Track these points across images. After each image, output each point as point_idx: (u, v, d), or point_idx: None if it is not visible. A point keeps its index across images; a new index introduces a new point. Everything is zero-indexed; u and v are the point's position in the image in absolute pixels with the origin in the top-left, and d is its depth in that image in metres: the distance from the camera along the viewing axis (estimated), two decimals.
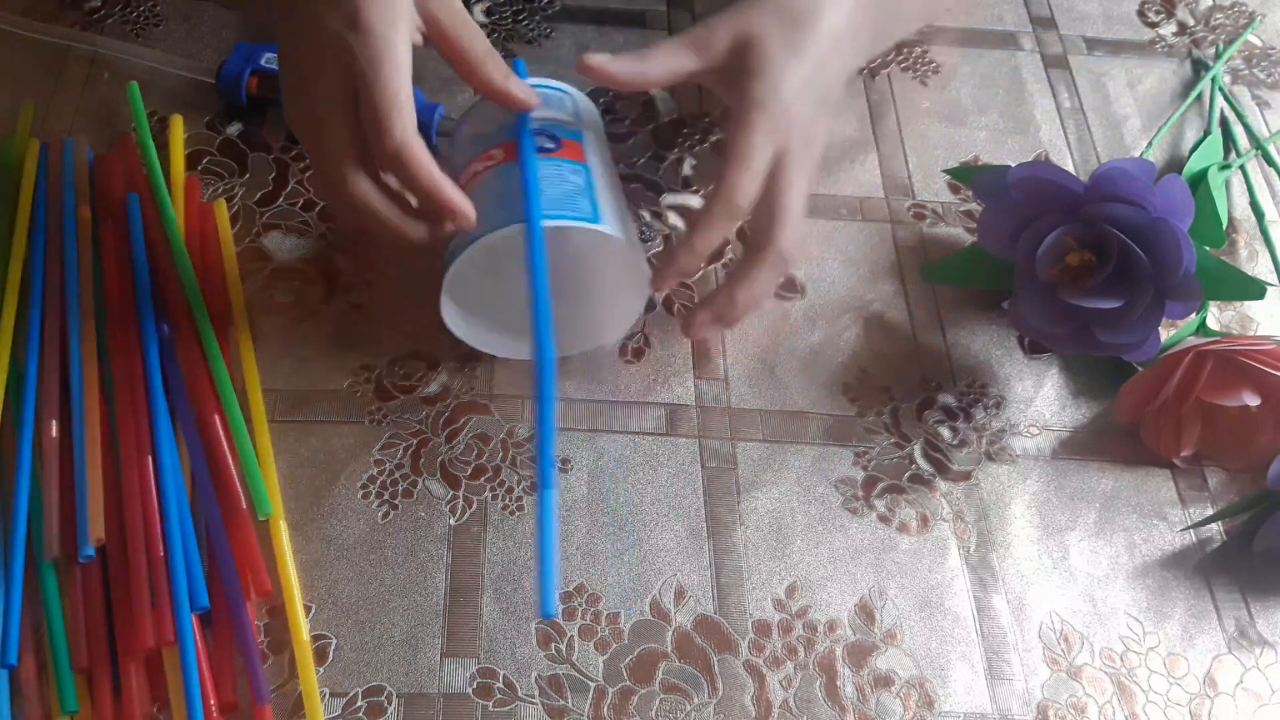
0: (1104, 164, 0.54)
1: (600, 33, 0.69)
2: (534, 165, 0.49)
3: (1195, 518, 0.53)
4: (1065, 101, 0.69)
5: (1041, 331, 0.55)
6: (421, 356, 0.54)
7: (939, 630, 0.49)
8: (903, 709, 0.47)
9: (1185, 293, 0.52)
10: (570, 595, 0.48)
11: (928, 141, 0.66)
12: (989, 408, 0.56)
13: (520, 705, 0.45)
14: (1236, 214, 0.64)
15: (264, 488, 0.48)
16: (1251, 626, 0.50)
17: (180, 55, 0.64)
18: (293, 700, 0.44)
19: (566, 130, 0.52)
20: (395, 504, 0.50)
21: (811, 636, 0.48)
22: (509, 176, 0.49)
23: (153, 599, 0.44)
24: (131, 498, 0.47)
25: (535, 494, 0.42)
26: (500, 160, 0.50)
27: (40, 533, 0.46)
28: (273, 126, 0.62)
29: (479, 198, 0.49)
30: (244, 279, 0.55)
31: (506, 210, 0.48)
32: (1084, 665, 0.49)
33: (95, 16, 0.66)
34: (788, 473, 0.53)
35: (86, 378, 0.50)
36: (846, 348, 0.57)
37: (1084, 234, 0.53)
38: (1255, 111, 0.69)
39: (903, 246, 0.61)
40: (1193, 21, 0.75)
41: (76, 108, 0.62)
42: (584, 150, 0.52)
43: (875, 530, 0.52)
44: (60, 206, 0.55)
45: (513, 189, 0.48)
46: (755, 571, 0.50)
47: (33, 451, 0.48)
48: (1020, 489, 0.53)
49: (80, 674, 0.44)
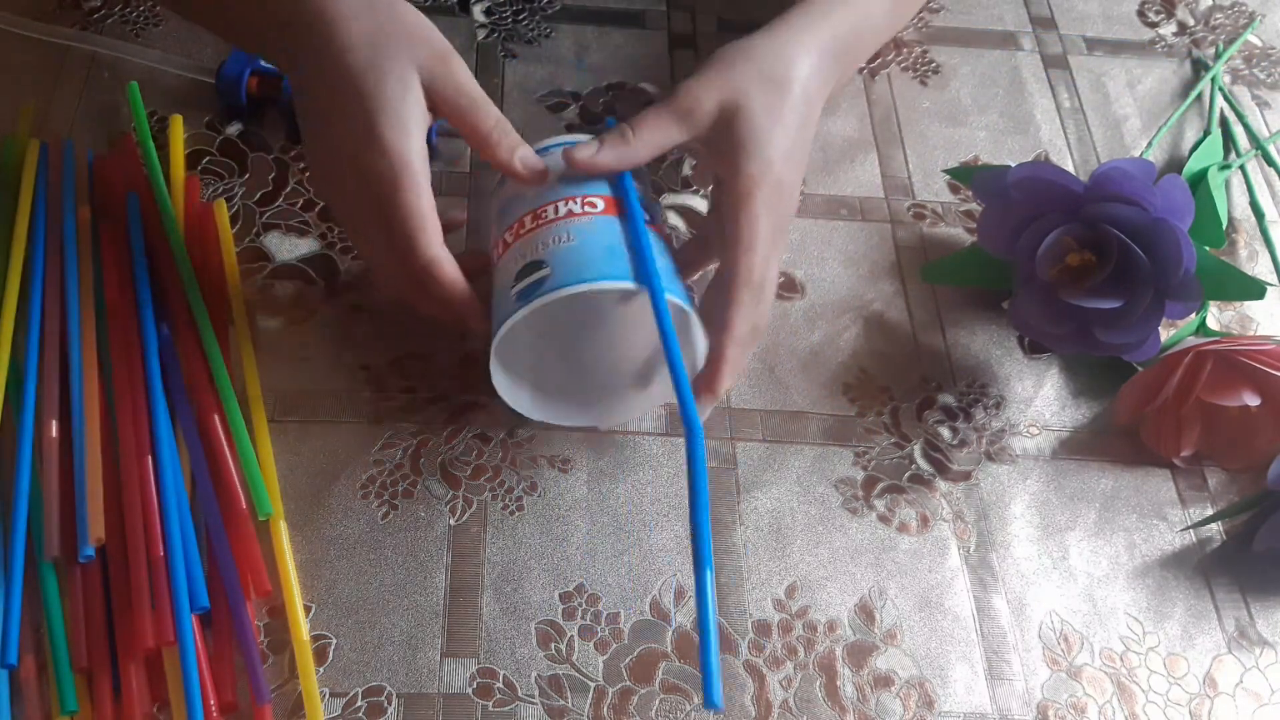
0: (1104, 164, 0.54)
1: (600, 32, 0.69)
2: (644, 228, 0.48)
3: (1195, 518, 0.53)
4: (1065, 101, 0.69)
5: (1041, 331, 0.55)
6: (421, 356, 0.54)
7: (939, 630, 0.49)
8: (902, 709, 0.47)
9: (1185, 293, 0.52)
10: (570, 595, 0.48)
11: (928, 141, 0.66)
12: (989, 408, 0.56)
13: (520, 705, 0.45)
14: (1236, 214, 0.64)
15: (264, 488, 0.48)
16: (1251, 626, 0.50)
17: (180, 55, 0.64)
18: (293, 700, 0.44)
19: (652, 205, 0.51)
20: (395, 504, 0.50)
21: (811, 636, 0.48)
22: (617, 230, 0.48)
23: (152, 599, 0.44)
24: (131, 498, 0.47)
25: (694, 575, 0.41)
26: (602, 210, 0.48)
27: (40, 532, 0.46)
28: (272, 126, 0.62)
29: (576, 237, 0.47)
30: (244, 279, 0.55)
31: (622, 264, 0.46)
32: (1084, 665, 0.49)
33: (95, 16, 0.66)
34: (788, 473, 0.53)
35: (86, 378, 0.50)
36: (846, 348, 0.57)
37: (1084, 234, 0.53)
38: (1255, 111, 0.69)
39: (903, 246, 0.61)
40: (1193, 21, 0.75)
41: (76, 108, 0.62)
42: (664, 228, 0.51)
43: (875, 530, 0.52)
44: (60, 206, 0.55)
45: (625, 244, 0.47)
46: (755, 571, 0.50)
47: (33, 451, 0.48)
48: (1020, 489, 0.53)
49: (80, 674, 0.44)
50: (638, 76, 0.67)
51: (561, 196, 0.49)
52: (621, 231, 0.48)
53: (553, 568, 0.49)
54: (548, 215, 0.48)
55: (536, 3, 0.70)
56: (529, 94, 0.65)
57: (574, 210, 0.48)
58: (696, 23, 0.70)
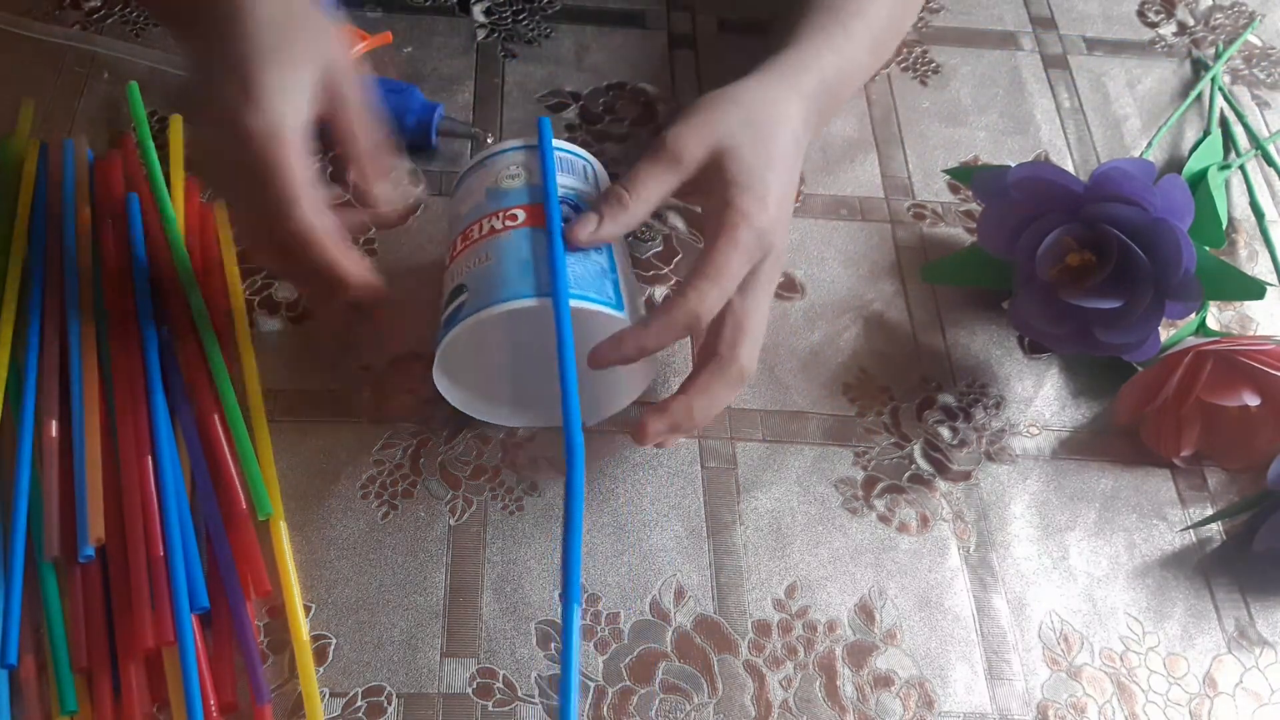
0: (1104, 164, 0.54)
1: (600, 32, 0.69)
2: (560, 240, 0.47)
3: (1195, 518, 0.53)
4: (1065, 101, 0.69)
5: (1041, 331, 0.55)
6: (421, 356, 0.54)
7: (939, 630, 0.49)
8: (902, 709, 0.47)
9: (1185, 293, 0.52)
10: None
11: (927, 141, 0.66)
12: (989, 408, 0.56)
13: (520, 705, 0.45)
14: (1236, 214, 0.64)
15: (264, 488, 0.48)
16: (1251, 626, 0.50)
17: (180, 55, 0.64)
18: (293, 700, 0.44)
19: (589, 204, 0.50)
20: (395, 504, 0.50)
21: (811, 636, 0.48)
22: (533, 242, 0.47)
23: (152, 599, 0.44)
24: (131, 498, 0.47)
25: (562, 610, 0.41)
26: (522, 222, 0.48)
27: (40, 533, 0.46)
28: None
29: (493, 255, 0.47)
30: (244, 279, 0.55)
31: (530, 279, 0.46)
32: (1084, 665, 0.49)
33: (95, 16, 0.66)
34: (787, 473, 0.53)
35: (86, 378, 0.50)
36: (846, 348, 0.57)
37: (1084, 234, 0.53)
38: (1255, 111, 0.69)
39: (902, 246, 0.61)
40: (1192, 21, 0.75)
41: (76, 108, 0.62)
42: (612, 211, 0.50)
43: (875, 530, 0.52)
44: (60, 207, 0.55)
45: (537, 257, 0.47)
46: (755, 571, 0.50)
47: (33, 451, 0.48)
48: (1020, 489, 0.53)
49: (80, 674, 0.44)
50: (638, 76, 0.67)
51: (487, 212, 0.49)
52: (536, 243, 0.47)
53: (553, 568, 0.49)
54: (473, 235, 0.49)
55: (536, 3, 0.70)
56: (529, 94, 0.65)
57: (495, 227, 0.48)
58: (696, 23, 0.70)
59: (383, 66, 0.63)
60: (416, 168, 0.61)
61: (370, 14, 0.68)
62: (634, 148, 0.63)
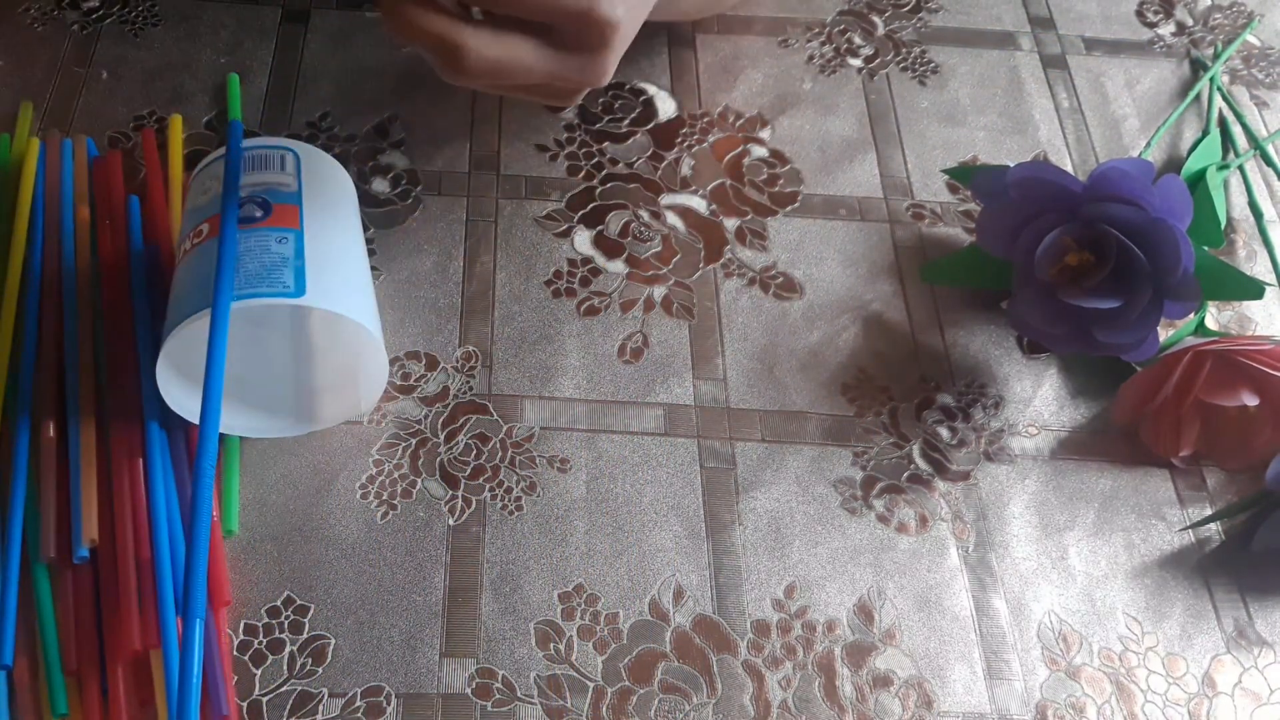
0: (1102, 164, 0.54)
1: None
2: (233, 240, 0.46)
3: (1194, 518, 0.53)
4: (1064, 101, 0.69)
5: (1040, 331, 0.55)
6: (421, 357, 0.54)
7: (938, 630, 0.49)
8: (901, 709, 0.47)
9: (1184, 293, 0.52)
10: (569, 595, 0.48)
11: (926, 141, 0.66)
12: (988, 408, 0.56)
13: (519, 705, 0.45)
14: (1235, 214, 0.64)
15: (234, 502, 0.48)
16: (1250, 626, 0.50)
17: (180, 55, 0.64)
18: (293, 700, 0.44)
19: (282, 194, 0.48)
20: (394, 504, 0.50)
21: (810, 636, 0.48)
22: (210, 254, 0.46)
23: (140, 602, 0.44)
24: (121, 500, 0.46)
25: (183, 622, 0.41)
26: (205, 236, 0.47)
27: (35, 534, 0.46)
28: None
29: (181, 279, 0.47)
30: None
31: (204, 293, 0.44)
32: (1083, 665, 0.49)
33: (94, 16, 0.66)
34: (786, 473, 0.53)
35: (83, 378, 0.49)
36: (845, 348, 0.57)
37: (1083, 234, 0.53)
38: (1254, 111, 0.69)
39: (901, 246, 0.61)
40: (1191, 21, 0.75)
41: (76, 108, 0.62)
42: (300, 215, 0.48)
43: (874, 530, 0.52)
44: (59, 206, 0.55)
45: (210, 268, 0.46)
46: (754, 571, 0.50)
47: (30, 452, 0.48)
48: (1019, 489, 0.53)
49: (70, 677, 0.44)
50: (638, 76, 0.67)
51: (186, 231, 0.49)
52: (213, 255, 0.46)
53: (552, 568, 0.49)
54: (178, 256, 0.49)
55: None
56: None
57: (186, 247, 0.48)
58: (696, 22, 0.70)
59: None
60: None
61: (369, 14, 0.68)
62: (633, 147, 0.63)
